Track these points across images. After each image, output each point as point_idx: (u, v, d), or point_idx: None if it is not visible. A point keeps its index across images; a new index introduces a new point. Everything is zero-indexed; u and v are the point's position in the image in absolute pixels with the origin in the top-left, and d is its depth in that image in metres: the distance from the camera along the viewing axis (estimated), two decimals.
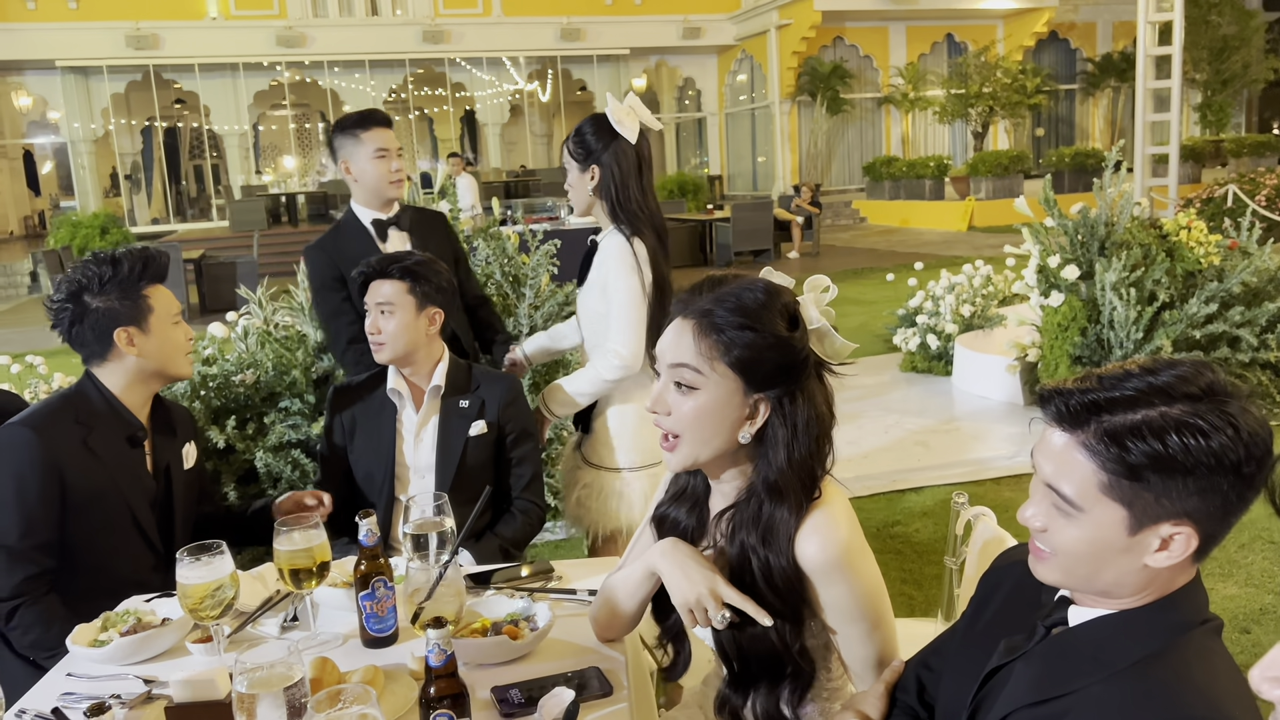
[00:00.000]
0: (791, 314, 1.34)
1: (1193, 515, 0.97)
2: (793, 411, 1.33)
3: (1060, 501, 1.02)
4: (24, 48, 18.82)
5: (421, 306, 2.26)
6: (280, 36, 20.03)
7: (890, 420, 5.29)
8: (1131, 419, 0.97)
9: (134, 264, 1.97)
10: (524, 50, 22.01)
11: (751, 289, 1.34)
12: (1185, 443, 0.94)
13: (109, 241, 14.54)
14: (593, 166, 2.38)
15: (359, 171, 2.68)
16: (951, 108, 18.97)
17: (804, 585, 1.34)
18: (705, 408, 1.32)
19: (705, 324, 1.32)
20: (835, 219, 19.28)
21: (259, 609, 1.73)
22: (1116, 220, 5.08)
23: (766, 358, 1.31)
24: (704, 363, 1.31)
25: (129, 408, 1.99)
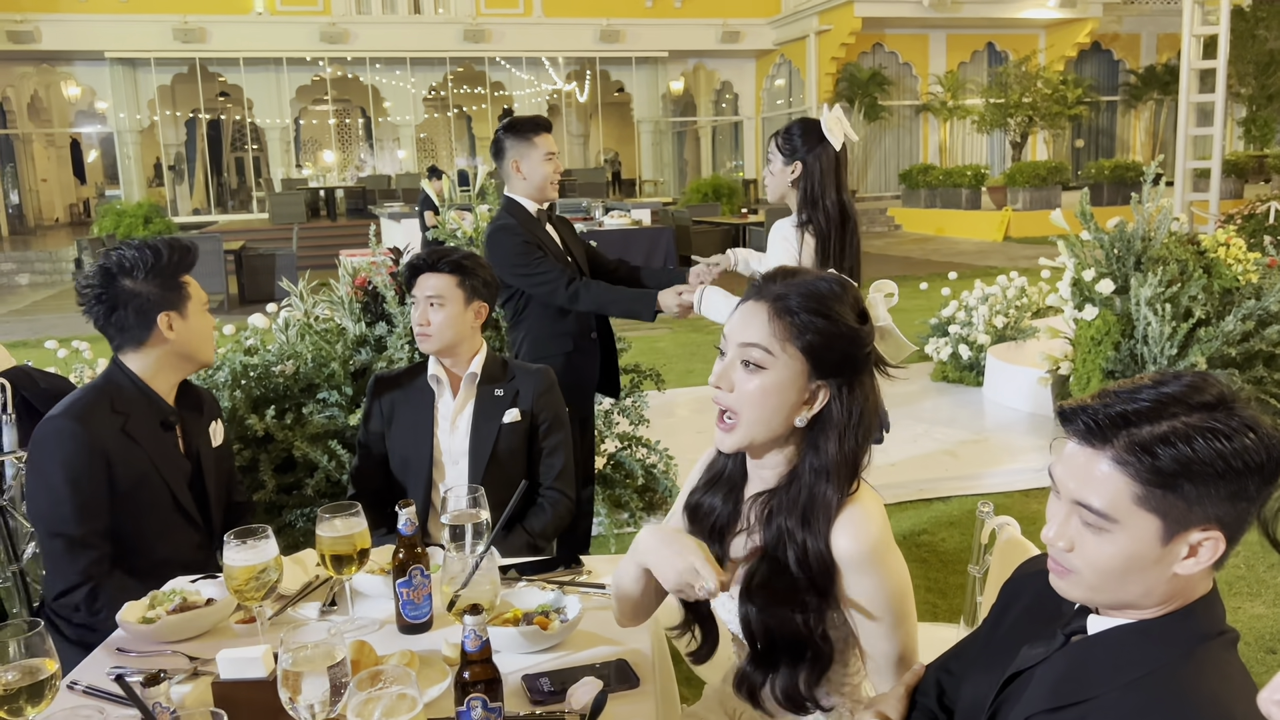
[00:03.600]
0: (861, 308, 1.39)
1: (1222, 520, 1.00)
2: (850, 401, 1.37)
3: (1091, 517, 1.03)
4: (74, 38, 19.20)
5: (469, 300, 2.34)
6: (324, 32, 20.29)
7: (919, 429, 5.29)
8: (1158, 429, 0.99)
9: (174, 253, 2.03)
10: (563, 51, 22.14)
11: (825, 280, 1.39)
12: (1213, 447, 0.97)
13: (152, 230, 14.80)
14: (796, 163, 2.77)
15: (529, 170, 3.00)
16: (990, 117, 18.83)
17: (835, 575, 1.38)
18: (770, 387, 1.36)
19: (780, 307, 1.36)
20: (870, 226, 19.21)
21: (300, 593, 1.79)
22: (1153, 235, 5.05)
23: (835, 345, 1.35)
24: (775, 343, 1.35)
25: (159, 393, 2.06)
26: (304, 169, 25.38)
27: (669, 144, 26.64)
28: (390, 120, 22.88)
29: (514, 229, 3.00)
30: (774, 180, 2.85)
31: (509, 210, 3.07)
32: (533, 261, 2.96)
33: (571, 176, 21.17)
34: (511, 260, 2.97)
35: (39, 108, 22.54)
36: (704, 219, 14.33)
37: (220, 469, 2.19)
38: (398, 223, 12.38)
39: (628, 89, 23.25)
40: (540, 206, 3.08)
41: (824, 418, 1.38)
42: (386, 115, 22.74)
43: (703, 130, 26.33)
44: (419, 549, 1.62)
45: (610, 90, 23.96)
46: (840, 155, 2.81)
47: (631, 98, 23.33)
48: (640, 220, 10.67)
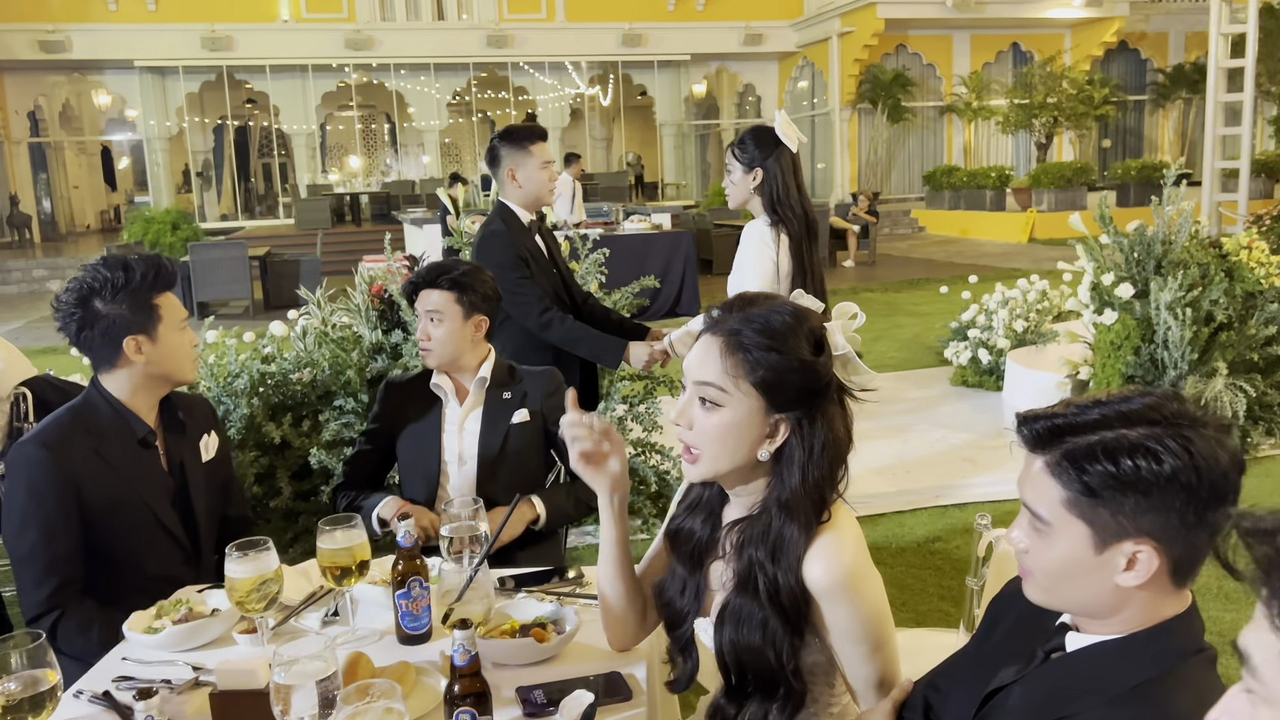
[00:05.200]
0: (817, 339, 1.38)
1: (1152, 534, 1.03)
2: (811, 434, 1.37)
3: (1036, 521, 1.09)
4: (104, 48, 19.47)
5: (468, 314, 2.37)
6: (348, 39, 20.46)
7: (937, 434, 5.27)
8: (1090, 441, 1.04)
9: (146, 272, 1.99)
10: (585, 55, 22.19)
11: (780, 311, 1.38)
12: (1138, 464, 1.01)
13: (179, 237, 14.98)
14: (756, 169, 2.84)
15: (525, 179, 3.05)
16: (1015, 118, 18.69)
17: (809, 605, 1.38)
18: (728, 424, 1.36)
19: (732, 343, 1.36)
20: (894, 228, 19.13)
21: (302, 603, 1.82)
22: (1174, 238, 5.00)
23: (789, 380, 1.35)
24: (728, 381, 1.35)
25: (137, 411, 2.04)
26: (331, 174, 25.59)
27: (692, 147, 26.63)
28: (414, 126, 23.03)
29: (504, 237, 3.06)
30: (735, 189, 2.93)
31: (501, 216, 3.12)
32: (517, 279, 3.00)
33: (594, 180, 21.20)
34: (497, 272, 3.00)
35: (70, 116, 22.87)
36: (725, 222, 14.29)
37: (212, 483, 2.18)
38: (420, 228, 12.46)
39: (650, 92, 23.28)
40: (532, 216, 3.14)
41: (786, 451, 1.38)
42: (411, 121, 22.90)
43: (726, 133, 26.29)
44: (418, 561, 1.64)
45: (633, 94, 23.99)
46: (796, 158, 2.90)
47: (654, 101, 23.35)
48: (660, 225, 10.68)
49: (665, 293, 9.86)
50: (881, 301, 10.52)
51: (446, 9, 21.62)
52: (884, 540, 3.95)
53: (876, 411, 5.80)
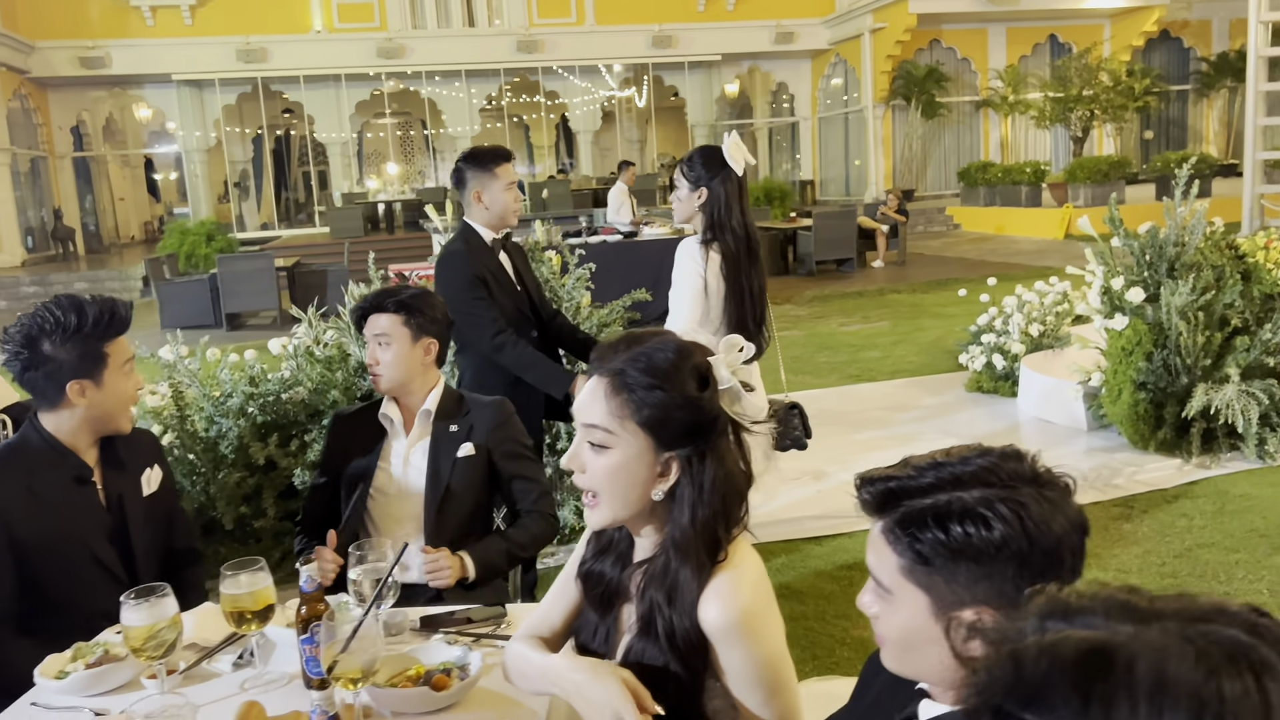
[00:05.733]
0: (702, 374, 1.35)
1: (989, 603, 0.97)
2: (700, 471, 1.34)
3: (878, 588, 1.05)
4: (144, 62, 19.85)
5: (417, 337, 2.34)
6: (381, 48, 20.65)
7: (944, 443, 5.10)
8: (923, 505, 0.99)
9: (100, 317, 1.98)
10: (616, 58, 22.19)
11: (663, 349, 1.36)
12: (967, 530, 0.96)
13: (214, 248, 15.20)
14: (701, 189, 2.90)
15: (490, 200, 3.07)
16: (1050, 112, 18.33)
17: (706, 648, 1.34)
18: (616, 466, 1.34)
19: (617, 383, 1.34)
20: (928, 226, 18.87)
21: (219, 645, 1.80)
22: (1187, 240, 4.85)
23: (675, 417, 1.33)
24: (614, 422, 1.34)
25: (75, 448, 2.03)
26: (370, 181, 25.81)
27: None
28: (448, 132, 23.19)
29: (462, 257, 3.05)
30: (681, 205, 2.99)
31: (464, 236, 3.12)
32: (472, 300, 2.99)
33: None
34: (453, 293, 2.99)
35: (114, 130, 23.35)
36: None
37: (153, 517, 2.16)
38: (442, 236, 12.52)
39: (681, 93, 23.20)
40: (496, 235, 3.14)
41: (678, 490, 1.35)
42: (444, 127, 23.06)
43: (759, 132, 26.15)
44: (322, 604, 1.61)
45: (665, 95, 23.94)
46: (743, 180, 2.94)
47: (685, 102, 23.28)
48: (683, 229, 10.60)
49: None
50: (908, 303, 10.36)
51: (477, 15, 21.74)
52: None
53: (886, 419, 5.71)
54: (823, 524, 4.16)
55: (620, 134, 25.31)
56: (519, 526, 2.36)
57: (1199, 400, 4.50)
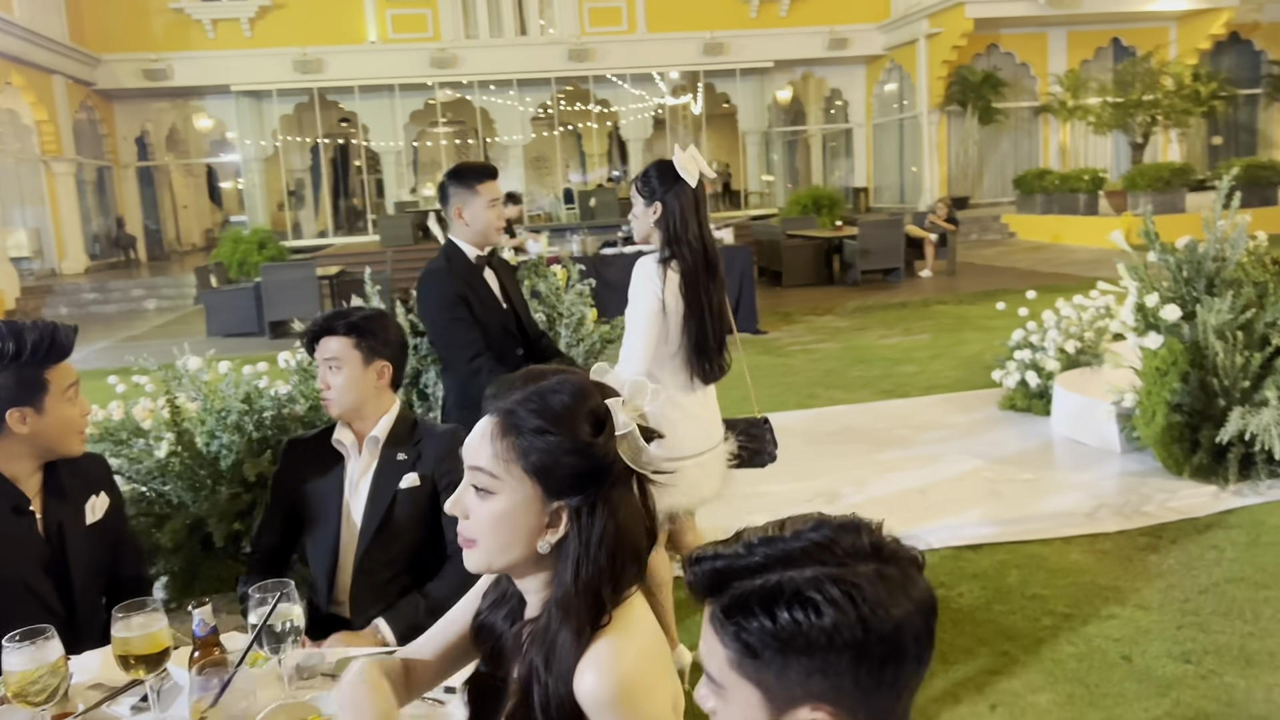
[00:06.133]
0: (599, 418, 1.24)
1: (826, 698, 0.86)
2: (589, 524, 1.23)
3: (710, 681, 0.93)
4: (204, 74, 20.32)
5: (368, 360, 2.27)
6: (434, 58, 20.87)
7: (968, 465, 4.96)
8: (750, 588, 0.87)
9: (39, 343, 1.94)
10: (667, 66, 22.13)
11: (560, 389, 1.25)
12: (795, 617, 0.84)
13: (265, 256, 15.44)
14: (656, 203, 2.80)
15: (471, 217, 3.03)
16: (1108, 117, 17.81)
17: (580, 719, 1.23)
18: (500, 514, 1.23)
19: (506, 424, 1.24)
20: (982, 234, 18.47)
21: (123, 687, 1.74)
22: (1228, 254, 4.60)
23: (564, 463, 1.21)
24: (499, 465, 1.23)
25: (15, 478, 1.99)
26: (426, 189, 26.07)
27: (779, 154, 26.30)
28: (500, 141, 23.35)
29: (443, 276, 2.99)
30: (638, 222, 2.89)
31: (447, 254, 3.07)
32: (450, 320, 2.94)
33: None
34: (433, 312, 2.94)
35: (177, 139, 23.93)
36: (797, 233, 14.01)
37: (96, 546, 2.11)
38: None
39: (733, 100, 23.05)
40: (480, 252, 3.07)
41: (565, 543, 1.24)
42: (497, 136, 23.21)
43: (813, 139, 25.90)
44: (216, 649, 1.54)
45: (717, 103, 23.81)
46: (699, 193, 2.83)
47: (737, 109, 23.13)
48: (721, 238, 10.49)
49: None
50: (952, 315, 10.10)
51: (529, 25, 21.87)
52: None
53: (911, 438, 5.53)
54: None
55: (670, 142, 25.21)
56: (441, 577, 2.23)
57: (1234, 424, 4.26)
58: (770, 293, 12.79)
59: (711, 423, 2.97)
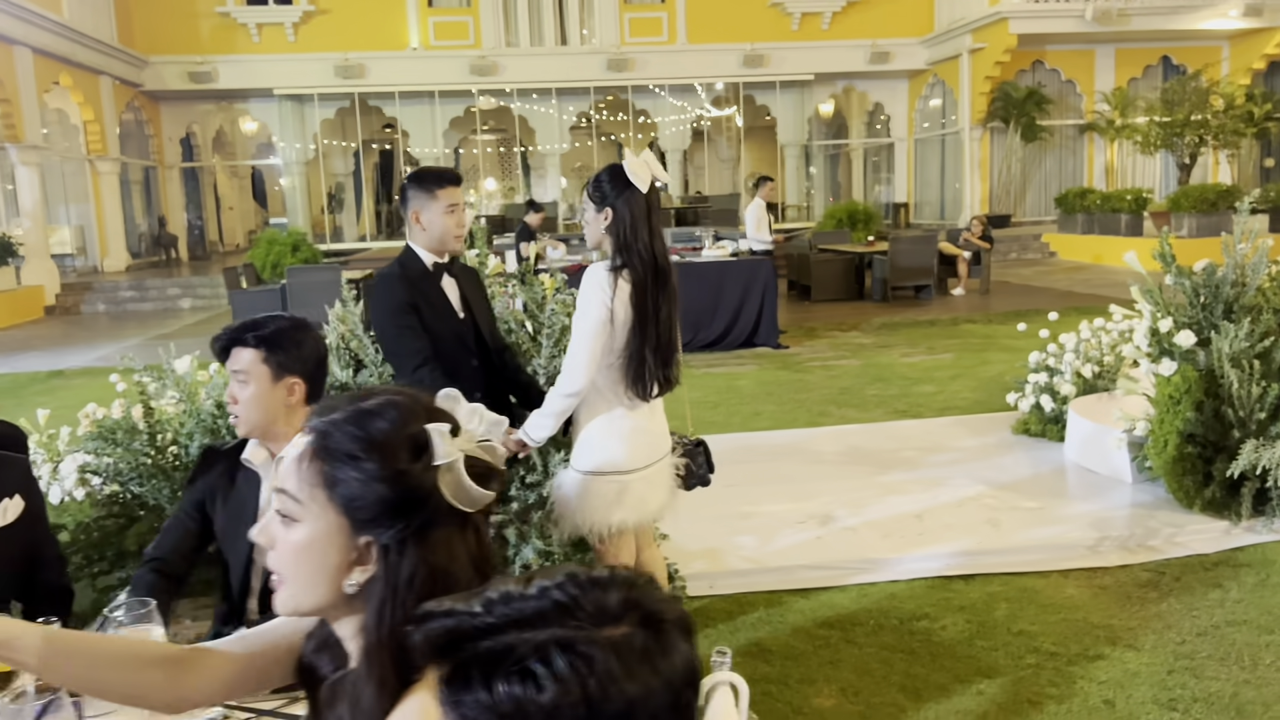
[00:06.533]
0: (420, 443, 1.10)
1: None
2: (398, 564, 1.08)
3: None
4: (248, 77, 20.61)
5: (278, 376, 2.17)
6: (474, 65, 20.98)
7: (971, 491, 4.78)
8: (476, 653, 0.74)
9: None
10: (706, 77, 22.05)
11: (382, 410, 1.12)
12: (514, 693, 0.71)
13: (299, 258, 15.56)
14: (606, 209, 2.71)
15: (428, 222, 2.91)
16: (1155, 137, 17.40)
17: None
18: (302, 546, 1.11)
19: (318, 445, 1.11)
20: (1022, 253, 18.13)
21: None
22: (1248, 280, 4.40)
23: (374, 492, 1.08)
24: (305, 490, 1.10)
25: None
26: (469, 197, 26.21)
27: (820, 167, 26.10)
28: (539, 149, 23.41)
29: (393, 281, 2.89)
30: (590, 228, 2.80)
31: (401, 260, 2.97)
32: (397, 328, 2.84)
33: (708, 203, 21.00)
34: (381, 319, 2.85)
35: (224, 141, 24.31)
36: (829, 247, 13.82)
37: (8, 549, 2.06)
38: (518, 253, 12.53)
39: (772, 113, 22.90)
40: (438, 259, 2.96)
41: (374, 583, 1.10)
42: (536, 145, 23.27)
43: (854, 153, 25.66)
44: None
45: (757, 115, 23.66)
46: (652, 199, 2.73)
47: (777, 121, 22.97)
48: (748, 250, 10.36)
49: (742, 322, 9.53)
50: (980, 335, 9.88)
51: (569, 34, 21.91)
52: (865, 614, 3.57)
53: (917, 461, 5.37)
54: (815, 574, 3.87)
55: (708, 153, 25.14)
56: None
57: (1247, 457, 4.06)
58: (798, 307, 12.63)
59: (658, 435, 2.88)
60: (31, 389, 9.08)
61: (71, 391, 8.37)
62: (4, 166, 16.39)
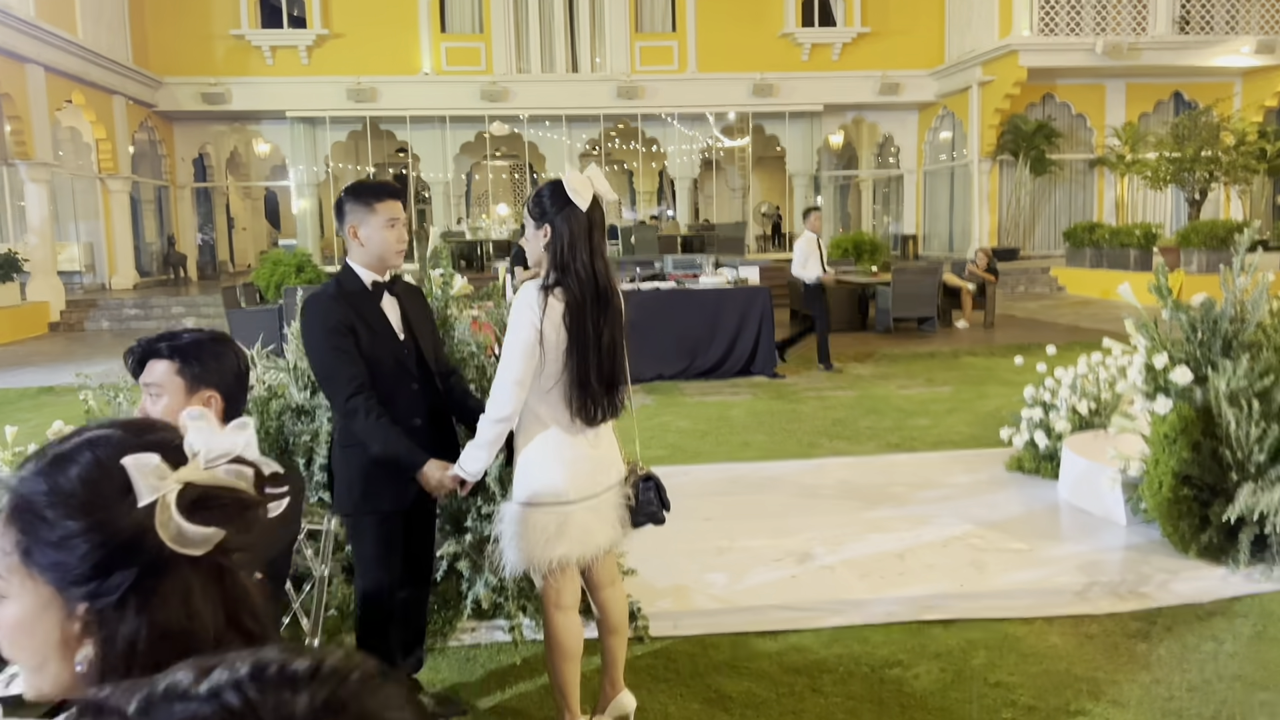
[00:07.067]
0: (126, 482, 0.91)
1: None
2: (115, 629, 0.90)
3: None
4: (261, 99, 20.72)
5: (192, 389, 2.04)
6: (485, 91, 21.03)
7: (957, 530, 4.60)
8: None
9: None
10: (716, 106, 22.03)
11: (75, 455, 0.94)
12: None
13: (303, 279, 15.51)
14: (545, 225, 2.59)
15: (367, 237, 2.76)
16: (1165, 172, 17.24)
17: None
18: (17, 625, 0.93)
19: (12, 504, 0.93)
20: (1030, 286, 17.96)
21: None
22: (1248, 316, 4.24)
23: (72, 551, 0.90)
24: (3, 560, 0.92)
25: None
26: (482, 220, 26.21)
27: (829, 198, 26.02)
28: (549, 175, 23.37)
29: (326, 302, 2.73)
30: (529, 245, 2.67)
31: (339, 279, 2.81)
32: (330, 351, 2.68)
33: (715, 230, 20.91)
34: (312, 342, 2.70)
35: (238, 163, 24.42)
36: None
37: None
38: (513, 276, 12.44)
39: (782, 142, 22.86)
40: (378, 277, 2.80)
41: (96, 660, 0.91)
42: (546, 170, 23.26)
43: (864, 184, 25.58)
44: None
45: (767, 144, 23.63)
46: (594, 216, 2.61)
47: (786, 151, 22.93)
48: (746, 279, 10.22)
49: (738, 350, 9.38)
50: (980, 368, 9.70)
51: (580, 61, 21.95)
52: (834, 660, 3.39)
53: (906, 497, 5.19)
54: (786, 616, 3.69)
55: (718, 181, 25.09)
56: None
57: (1243, 502, 3.88)
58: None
59: (604, 463, 2.72)
60: (20, 404, 9.00)
61: (59, 408, 8.27)
62: (14, 183, 16.44)
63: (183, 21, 20.40)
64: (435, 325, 3.04)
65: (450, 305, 3.86)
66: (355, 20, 20.83)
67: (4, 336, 14.31)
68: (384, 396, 2.68)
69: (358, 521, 2.77)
